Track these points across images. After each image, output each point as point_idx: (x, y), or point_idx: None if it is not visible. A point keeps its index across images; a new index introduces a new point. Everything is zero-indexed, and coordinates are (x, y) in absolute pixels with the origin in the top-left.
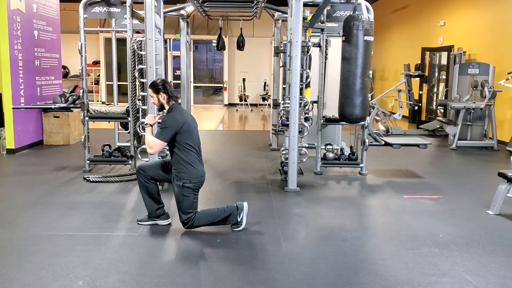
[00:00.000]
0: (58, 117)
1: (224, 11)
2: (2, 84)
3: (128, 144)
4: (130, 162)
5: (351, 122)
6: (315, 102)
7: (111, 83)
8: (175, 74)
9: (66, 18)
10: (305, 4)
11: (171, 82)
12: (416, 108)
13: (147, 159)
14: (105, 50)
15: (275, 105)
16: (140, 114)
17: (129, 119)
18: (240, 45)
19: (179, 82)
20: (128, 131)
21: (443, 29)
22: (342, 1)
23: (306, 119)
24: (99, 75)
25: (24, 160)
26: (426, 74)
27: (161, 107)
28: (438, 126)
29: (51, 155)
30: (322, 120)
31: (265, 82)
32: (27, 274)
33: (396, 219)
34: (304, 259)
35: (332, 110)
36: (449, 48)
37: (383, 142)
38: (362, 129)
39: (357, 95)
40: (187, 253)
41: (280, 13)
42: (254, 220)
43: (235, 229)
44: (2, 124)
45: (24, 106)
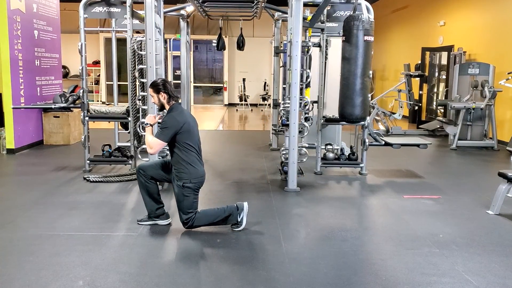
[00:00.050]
0: (58, 117)
1: (224, 11)
2: (2, 84)
3: (128, 144)
4: (130, 162)
5: (351, 122)
6: (315, 102)
7: (111, 83)
8: (175, 74)
9: (66, 18)
10: (305, 4)
11: (171, 82)
12: (416, 108)
13: (147, 159)
14: (105, 50)
15: (275, 105)
16: (140, 114)
17: (129, 119)
18: (240, 45)
19: (179, 82)
20: (128, 131)
21: (443, 29)
22: (342, 1)
23: (306, 119)
24: (99, 75)
25: (24, 160)
26: (426, 74)
27: (161, 107)
28: (438, 126)
29: (51, 155)
30: (322, 120)
31: (265, 82)
32: (27, 274)
33: (396, 219)
34: (304, 259)
35: (332, 110)
36: (449, 48)
37: (383, 142)
38: (362, 129)
39: (357, 95)
40: (187, 253)
41: (280, 13)
42: (254, 220)
43: (235, 229)
44: (2, 124)
45: (24, 106)
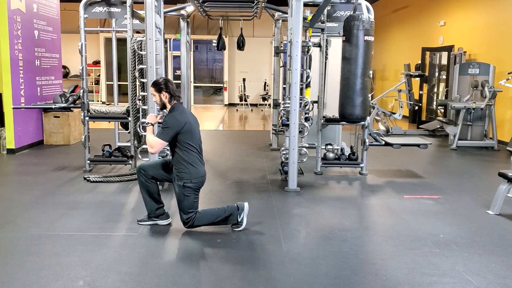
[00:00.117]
0: (59, 117)
1: (224, 11)
2: (3, 84)
3: (128, 144)
4: (130, 162)
5: (352, 122)
6: (315, 102)
7: (111, 83)
8: (175, 74)
9: (66, 18)
10: (305, 4)
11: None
12: (416, 108)
13: (147, 159)
14: (105, 50)
15: (275, 105)
16: (140, 114)
17: (129, 119)
18: (240, 45)
19: (179, 82)
20: (128, 131)
21: (443, 29)
22: (343, 1)
23: (307, 119)
24: (99, 75)
25: (24, 160)
26: (427, 74)
27: (162, 106)
28: (439, 126)
29: (51, 155)
30: (323, 120)
31: (265, 82)
32: (27, 274)
33: (397, 219)
34: (304, 259)
35: (332, 110)
36: (449, 48)
37: (384, 142)
38: (362, 129)
39: (357, 95)
40: (188, 253)
41: (280, 13)
42: (255, 220)
43: (236, 229)
44: (3, 124)
45: (25, 106)
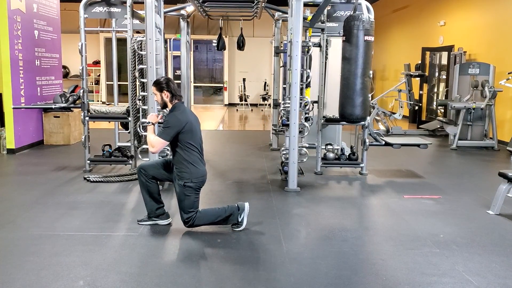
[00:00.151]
0: (59, 117)
1: (225, 11)
2: (3, 84)
3: (128, 144)
4: (130, 162)
5: (352, 122)
6: (315, 102)
7: (112, 83)
8: (176, 74)
9: (66, 18)
10: (305, 4)
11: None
12: (417, 108)
13: (147, 159)
14: (105, 50)
15: (275, 105)
16: (140, 114)
17: (129, 119)
18: (240, 45)
19: (179, 82)
20: (128, 131)
21: (443, 29)
22: (343, 1)
23: (307, 119)
24: (99, 75)
25: (24, 160)
26: (427, 74)
27: (163, 105)
28: (439, 126)
29: (51, 155)
30: (323, 120)
31: (265, 82)
32: (27, 274)
33: (397, 219)
34: (304, 259)
35: (332, 110)
36: (449, 48)
37: (384, 142)
38: (362, 129)
39: (357, 95)
40: (188, 253)
41: (280, 13)
42: (255, 220)
43: (236, 229)
44: (3, 124)
45: (25, 106)
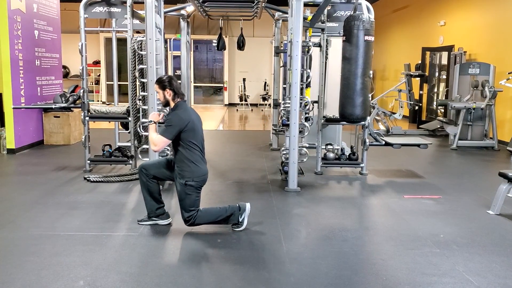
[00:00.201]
0: (59, 117)
1: (225, 11)
2: (3, 84)
3: (128, 144)
4: (130, 162)
5: (352, 122)
6: (315, 102)
7: (112, 83)
8: (176, 74)
9: (66, 18)
10: (305, 4)
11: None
12: (417, 108)
13: (147, 159)
14: (105, 50)
15: (276, 105)
16: (140, 114)
17: (129, 119)
18: (240, 45)
19: (179, 82)
20: (128, 131)
21: (443, 29)
22: (343, 1)
23: (307, 119)
24: (99, 75)
25: (24, 160)
26: (427, 74)
27: (166, 104)
28: (439, 126)
29: (51, 155)
30: (323, 120)
31: (265, 82)
32: (28, 274)
33: (397, 219)
34: (305, 259)
35: (332, 110)
36: (449, 48)
37: (384, 142)
38: (362, 129)
39: (357, 95)
40: (188, 253)
41: (280, 13)
42: (255, 220)
43: (236, 229)
44: (3, 124)
45: (25, 106)
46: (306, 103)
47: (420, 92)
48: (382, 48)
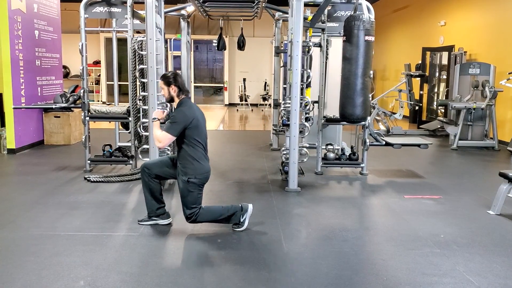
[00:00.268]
0: (59, 117)
1: (225, 11)
2: (3, 84)
3: (129, 144)
4: (131, 162)
5: (352, 122)
6: (316, 102)
7: (112, 83)
8: None
9: (66, 18)
10: (306, 4)
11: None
12: (417, 108)
13: (147, 159)
14: (105, 50)
15: (276, 105)
16: (140, 114)
17: (129, 119)
18: (240, 45)
19: None
20: (128, 131)
21: (443, 29)
22: (343, 1)
23: (307, 119)
24: (99, 75)
25: (25, 160)
26: (427, 74)
27: (170, 100)
28: (439, 126)
29: (52, 155)
30: (323, 120)
31: (265, 82)
32: (28, 274)
33: (397, 219)
34: (305, 259)
35: (333, 110)
36: (449, 48)
37: (384, 142)
38: (362, 129)
39: (358, 95)
40: (189, 253)
41: (280, 13)
42: (256, 220)
43: (236, 229)
44: (3, 124)
45: (25, 106)
46: (306, 103)
47: (421, 92)
48: (382, 48)
